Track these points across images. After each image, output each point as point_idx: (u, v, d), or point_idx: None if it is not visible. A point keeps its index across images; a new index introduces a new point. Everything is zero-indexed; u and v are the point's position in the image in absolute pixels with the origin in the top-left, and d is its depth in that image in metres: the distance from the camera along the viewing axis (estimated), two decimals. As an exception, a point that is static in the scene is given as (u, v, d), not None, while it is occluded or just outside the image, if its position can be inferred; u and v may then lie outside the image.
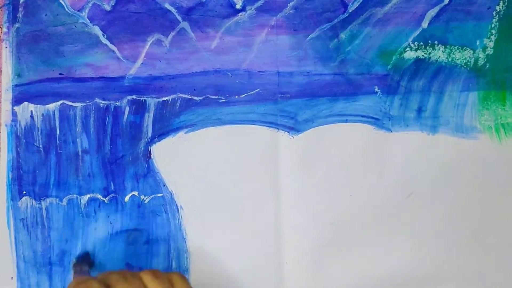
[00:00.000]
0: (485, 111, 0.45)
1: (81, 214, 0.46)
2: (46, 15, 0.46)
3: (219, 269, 0.46)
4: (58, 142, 0.46)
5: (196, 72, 0.46)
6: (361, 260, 0.45)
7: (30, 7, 0.46)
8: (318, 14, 0.45)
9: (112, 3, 0.46)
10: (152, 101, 0.46)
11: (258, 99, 0.46)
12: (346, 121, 0.45)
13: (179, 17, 0.46)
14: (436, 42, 0.45)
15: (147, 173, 0.46)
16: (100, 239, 0.46)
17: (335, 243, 0.45)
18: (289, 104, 0.45)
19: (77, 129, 0.46)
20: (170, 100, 0.46)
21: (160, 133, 0.46)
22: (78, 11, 0.46)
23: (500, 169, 0.45)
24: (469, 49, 0.45)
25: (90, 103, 0.46)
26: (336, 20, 0.45)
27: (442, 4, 0.45)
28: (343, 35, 0.45)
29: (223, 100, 0.46)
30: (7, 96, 0.46)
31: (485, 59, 0.45)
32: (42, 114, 0.46)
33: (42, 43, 0.46)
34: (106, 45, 0.46)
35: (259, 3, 0.46)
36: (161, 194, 0.46)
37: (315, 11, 0.45)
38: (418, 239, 0.45)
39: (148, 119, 0.46)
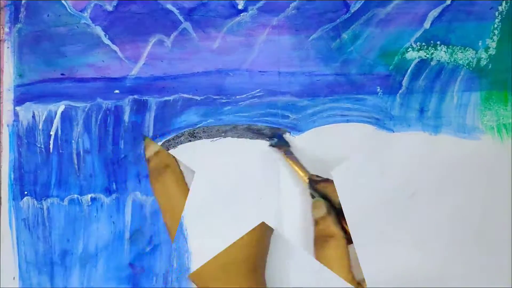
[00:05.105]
0: (487, 111, 0.45)
1: (83, 214, 0.46)
2: (48, 15, 0.46)
3: (221, 270, 0.46)
4: (59, 142, 0.46)
5: (198, 72, 0.46)
6: (362, 259, 0.45)
7: (32, 7, 0.46)
8: (320, 14, 0.45)
9: (114, 3, 0.46)
10: (153, 101, 0.46)
11: (259, 99, 0.46)
12: (348, 121, 0.45)
13: (181, 18, 0.46)
14: (438, 42, 0.45)
15: (149, 173, 0.46)
16: (102, 239, 0.46)
17: (337, 243, 0.45)
18: (291, 104, 0.45)
19: (79, 129, 0.46)
20: (171, 100, 0.46)
21: (162, 133, 0.46)
22: (80, 11, 0.46)
23: (502, 169, 0.45)
24: (471, 50, 0.45)
25: (92, 103, 0.46)
26: (338, 20, 0.45)
27: (444, 5, 0.44)
28: (345, 36, 0.45)
29: (225, 100, 0.46)
30: (9, 96, 0.46)
31: (488, 60, 0.44)
32: (44, 115, 0.46)
33: (44, 43, 0.46)
34: (108, 45, 0.46)
35: (260, 4, 0.45)
36: (163, 194, 0.46)
37: (317, 11, 0.45)
38: (420, 239, 0.45)
39: (149, 119, 0.46)
